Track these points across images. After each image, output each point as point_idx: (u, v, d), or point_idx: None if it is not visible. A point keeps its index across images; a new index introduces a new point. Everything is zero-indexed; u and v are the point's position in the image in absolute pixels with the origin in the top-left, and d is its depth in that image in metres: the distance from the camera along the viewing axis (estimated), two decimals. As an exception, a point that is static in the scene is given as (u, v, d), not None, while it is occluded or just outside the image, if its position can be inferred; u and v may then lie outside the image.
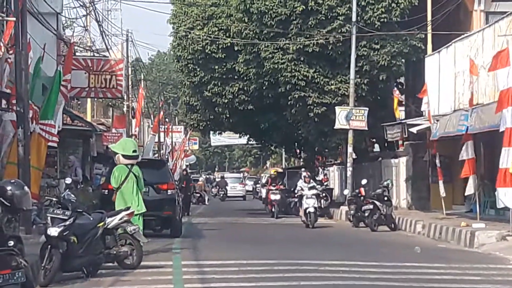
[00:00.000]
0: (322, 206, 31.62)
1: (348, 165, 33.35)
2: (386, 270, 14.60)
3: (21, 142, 18.72)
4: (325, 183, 38.53)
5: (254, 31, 33.38)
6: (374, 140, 39.59)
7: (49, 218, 13.35)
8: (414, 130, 28.50)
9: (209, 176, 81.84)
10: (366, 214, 26.15)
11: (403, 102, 36.05)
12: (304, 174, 30.62)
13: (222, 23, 35.50)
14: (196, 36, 35.74)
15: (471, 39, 24.90)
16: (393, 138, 32.32)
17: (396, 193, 32.61)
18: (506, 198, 18.58)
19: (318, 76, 32.96)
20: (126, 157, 17.26)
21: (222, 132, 49.08)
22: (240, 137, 51.74)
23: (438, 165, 25.53)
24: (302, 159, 50.02)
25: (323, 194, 32.55)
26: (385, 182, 27.23)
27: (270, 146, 47.28)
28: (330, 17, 32.36)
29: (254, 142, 49.42)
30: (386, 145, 37.81)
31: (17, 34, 18.69)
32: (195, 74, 36.85)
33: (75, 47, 34.88)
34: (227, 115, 37.69)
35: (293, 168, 54.14)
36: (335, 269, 14.56)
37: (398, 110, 34.58)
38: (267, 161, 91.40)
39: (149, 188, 21.06)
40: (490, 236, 19.34)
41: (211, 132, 51.69)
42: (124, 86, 35.86)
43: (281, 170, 49.53)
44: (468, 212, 25.64)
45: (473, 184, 22.57)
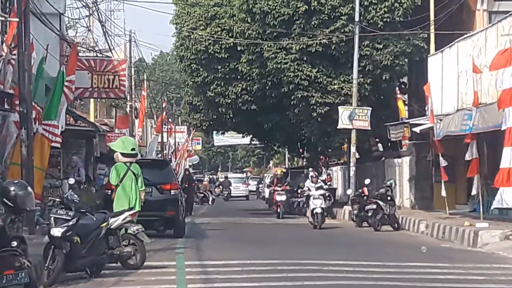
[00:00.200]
0: (326, 206, 31.46)
1: (351, 164, 33.33)
2: (390, 270, 14.58)
3: (24, 142, 18.73)
4: (328, 183, 38.42)
5: (257, 31, 33.37)
6: (377, 140, 39.54)
7: (52, 218, 13.36)
8: (417, 129, 28.47)
9: (212, 176, 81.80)
10: (369, 214, 26.11)
11: (406, 102, 36.01)
12: (311, 174, 30.02)
13: (225, 23, 35.49)
14: (199, 36, 35.74)
15: (474, 39, 24.88)
16: (396, 138, 32.27)
17: (399, 192, 32.56)
18: (509, 197, 18.55)
19: (321, 76, 32.94)
20: (124, 155, 17.18)
21: (225, 132, 49.12)
22: (243, 137, 51.65)
23: (441, 165, 25.46)
24: (305, 159, 49.97)
25: (327, 194, 32.45)
26: (388, 182, 27.11)
27: (273, 146, 47.25)
28: (333, 17, 32.34)
29: (257, 142, 49.45)
30: (389, 144, 37.76)
31: (20, 35, 18.69)
32: (198, 74, 36.85)
33: (78, 48, 34.83)
34: (230, 115, 37.67)
35: (296, 168, 54.05)
36: (339, 269, 14.55)
37: (404, 111, 34.41)
38: (270, 161, 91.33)
39: (152, 188, 21.06)
40: (494, 235, 19.30)
41: (214, 132, 51.78)
42: (127, 86, 35.86)
43: (284, 170, 49.42)
44: (471, 211, 25.57)
45: (476, 184, 22.55)
